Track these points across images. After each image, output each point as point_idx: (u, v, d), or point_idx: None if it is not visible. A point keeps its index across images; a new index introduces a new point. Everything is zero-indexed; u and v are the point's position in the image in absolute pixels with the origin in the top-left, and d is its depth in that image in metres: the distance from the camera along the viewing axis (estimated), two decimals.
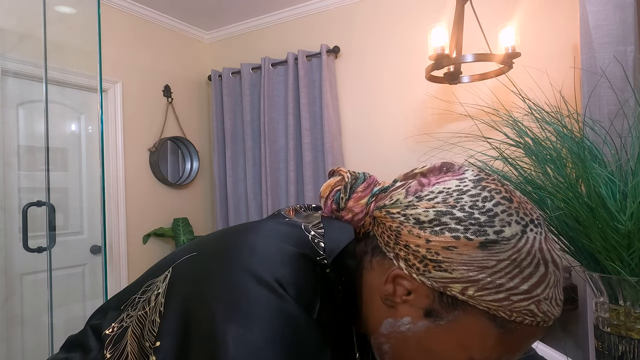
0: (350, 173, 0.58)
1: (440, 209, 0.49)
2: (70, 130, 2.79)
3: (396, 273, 0.51)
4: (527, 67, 2.38)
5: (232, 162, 3.32)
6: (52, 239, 2.20)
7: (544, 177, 0.83)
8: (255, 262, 0.49)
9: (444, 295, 0.48)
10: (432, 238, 0.48)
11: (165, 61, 3.29)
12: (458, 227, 0.47)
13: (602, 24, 1.38)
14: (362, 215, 0.56)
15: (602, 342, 0.79)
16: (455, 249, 0.47)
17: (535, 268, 0.47)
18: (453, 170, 0.53)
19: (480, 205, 0.48)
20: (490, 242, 0.46)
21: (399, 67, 2.83)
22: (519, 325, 0.48)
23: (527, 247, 0.47)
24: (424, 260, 0.48)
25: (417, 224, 0.49)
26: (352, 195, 0.56)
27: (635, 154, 0.77)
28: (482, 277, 0.46)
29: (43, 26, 2.22)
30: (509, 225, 0.47)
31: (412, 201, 0.51)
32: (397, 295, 0.51)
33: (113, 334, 0.56)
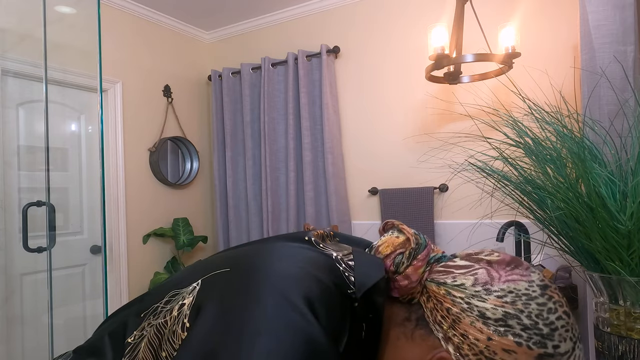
0: (414, 237, 0.57)
1: (508, 310, 0.49)
2: (70, 130, 2.79)
3: (443, 356, 0.50)
4: (527, 67, 2.38)
5: (232, 162, 3.32)
6: (52, 239, 2.20)
7: (544, 177, 0.83)
8: (290, 288, 0.49)
9: None
10: (495, 337, 0.48)
11: (165, 61, 3.29)
12: (522, 333, 0.48)
13: (602, 24, 1.38)
14: (415, 284, 0.55)
15: (602, 342, 0.79)
16: (514, 353, 0.47)
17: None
18: (521, 269, 0.53)
19: (545, 316, 0.49)
20: (547, 355, 0.47)
21: (399, 67, 2.83)
22: None
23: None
24: (479, 354, 0.48)
25: (481, 317, 0.49)
26: (413, 263, 0.55)
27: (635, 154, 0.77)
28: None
29: (43, 26, 2.22)
30: (565, 341, 0.49)
31: (480, 292, 0.51)
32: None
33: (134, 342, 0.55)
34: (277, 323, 0.46)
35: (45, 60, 2.22)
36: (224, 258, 0.57)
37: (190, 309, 0.51)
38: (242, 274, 0.52)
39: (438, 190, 2.63)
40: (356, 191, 2.98)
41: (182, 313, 0.51)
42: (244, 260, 0.55)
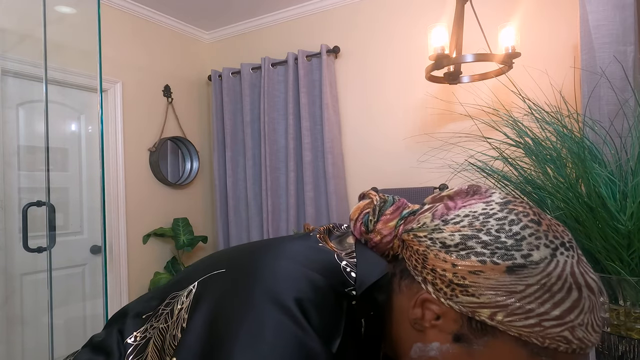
0: (379, 196, 0.58)
1: (466, 232, 0.48)
2: (70, 130, 2.79)
3: (424, 297, 0.50)
4: (527, 67, 2.38)
5: (232, 162, 3.32)
6: (52, 239, 2.20)
7: (544, 177, 0.83)
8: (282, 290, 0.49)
9: (473, 321, 0.47)
10: (458, 262, 0.47)
11: (165, 61, 3.29)
12: (484, 251, 0.47)
13: (602, 24, 1.38)
14: (390, 238, 0.55)
15: (602, 342, 0.79)
16: (482, 273, 0.46)
17: (567, 293, 0.45)
18: (480, 193, 0.53)
19: (507, 228, 0.47)
20: (517, 267, 0.45)
21: (399, 67, 2.83)
22: (553, 353, 0.46)
23: (558, 271, 0.46)
24: (450, 284, 0.48)
25: (443, 247, 0.49)
26: (381, 218, 0.56)
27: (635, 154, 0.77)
28: (511, 302, 0.45)
29: (43, 26, 2.22)
30: (537, 248, 0.46)
31: (439, 225, 0.50)
32: (426, 319, 0.50)
33: (137, 344, 0.56)
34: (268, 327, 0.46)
35: (45, 60, 2.22)
36: (222, 258, 0.58)
37: (188, 312, 0.51)
38: (236, 275, 0.52)
39: (438, 190, 2.62)
40: (356, 191, 2.98)
41: (180, 317, 0.52)
42: (240, 260, 0.56)
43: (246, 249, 0.58)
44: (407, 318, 0.52)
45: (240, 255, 0.57)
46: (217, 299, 0.50)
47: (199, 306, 0.51)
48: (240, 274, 0.52)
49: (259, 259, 0.54)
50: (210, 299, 0.51)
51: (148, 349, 0.54)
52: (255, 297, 0.48)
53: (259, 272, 0.51)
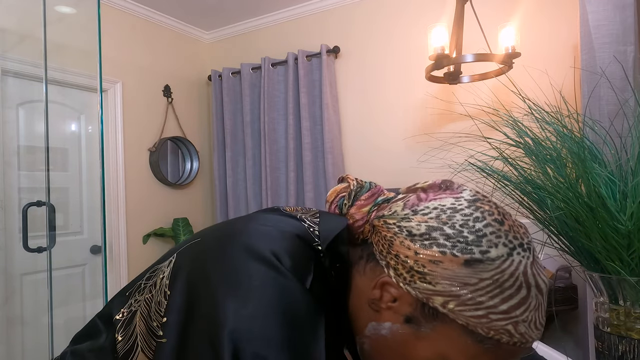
0: (357, 181, 0.60)
1: (432, 224, 0.51)
2: (70, 130, 2.79)
3: (385, 280, 0.53)
4: (527, 67, 2.38)
5: (232, 162, 3.32)
6: (52, 239, 2.20)
7: (544, 177, 0.83)
8: (253, 241, 0.53)
9: (426, 306, 0.50)
10: (421, 251, 0.50)
11: (165, 61, 3.29)
12: (446, 243, 0.49)
13: (602, 24, 1.38)
14: (362, 223, 0.58)
15: (602, 342, 0.79)
16: (440, 263, 0.49)
17: (517, 290, 0.48)
18: (452, 189, 0.55)
19: (471, 224, 0.50)
20: (474, 261, 0.48)
21: (399, 67, 2.83)
22: (496, 343, 0.49)
23: (511, 269, 0.48)
24: (411, 271, 0.50)
25: (409, 236, 0.51)
26: (355, 203, 0.59)
27: (635, 154, 0.77)
28: (464, 293, 0.48)
29: (43, 26, 2.22)
30: (496, 246, 0.49)
31: (408, 214, 0.53)
32: (383, 301, 0.53)
33: (124, 319, 0.59)
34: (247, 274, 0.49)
35: (45, 60, 2.22)
36: (196, 233, 0.62)
37: (169, 279, 0.55)
38: (212, 240, 0.57)
39: None
40: None
41: (163, 284, 0.55)
42: (213, 229, 0.61)
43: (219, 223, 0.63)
44: (366, 298, 0.55)
45: (215, 227, 0.62)
46: (195, 260, 0.54)
47: (180, 271, 0.54)
48: (215, 238, 0.57)
49: (232, 225, 0.59)
50: (189, 263, 0.55)
51: (135, 319, 0.57)
52: (231, 251, 0.52)
53: (230, 233, 0.56)
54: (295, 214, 0.60)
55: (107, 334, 0.59)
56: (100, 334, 0.60)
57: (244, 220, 0.59)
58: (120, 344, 0.57)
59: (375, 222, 0.56)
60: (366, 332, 0.55)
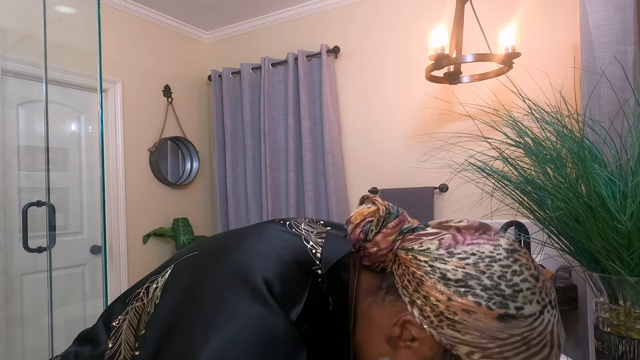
0: (385, 206, 0.58)
1: (469, 271, 0.49)
2: (70, 130, 2.79)
3: (407, 319, 0.51)
4: (527, 67, 2.38)
5: (232, 162, 3.32)
6: (52, 239, 2.20)
7: (544, 177, 0.83)
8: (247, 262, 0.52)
9: (449, 353, 0.49)
10: (455, 298, 0.48)
11: (165, 61, 3.29)
12: (483, 294, 0.48)
13: (602, 24, 1.38)
14: (385, 252, 0.56)
15: (602, 342, 0.79)
16: (474, 314, 0.48)
17: (542, 348, 0.48)
18: (489, 234, 0.54)
19: (509, 277, 0.49)
20: (508, 316, 0.47)
21: (399, 67, 2.83)
22: None
23: (541, 328, 0.48)
24: (440, 315, 0.49)
25: (442, 279, 0.50)
26: (382, 230, 0.56)
27: (635, 154, 0.77)
28: (492, 346, 0.47)
29: (43, 26, 2.22)
30: (530, 303, 0.48)
31: (443, 255, 0.51)
32: (402, 339, 0.51)
33: (118, 326, 0.59)
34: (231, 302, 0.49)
35: (45, 60, 2.22)
36: (197, 244, 0.61)
37: (161, 290, 0.55)
38: (208, 255, 0.56)
39: (438, 190, 2.62)
40: (356, 191, 2.98)
41: (155, 295, 0.55)
42: (213, 242, 0.59)
43: (221, 234, 0.62)
44: (383, 332, 0.53)
45: (215, 238, 0.61)
46: (189, 277, 0.54)
47: (172, 284, 0.54)
48: (211, 254, 0.56)
49: (232, 239, 0.58)
50: (182, 277, 0.54)
51: (123, 328, 0.57)
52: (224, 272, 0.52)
53: (229, 251, 0.55)
54: (300, 234, 0.58)
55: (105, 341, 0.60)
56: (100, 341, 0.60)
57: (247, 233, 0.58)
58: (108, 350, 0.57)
59: (402, 254, 0.54)
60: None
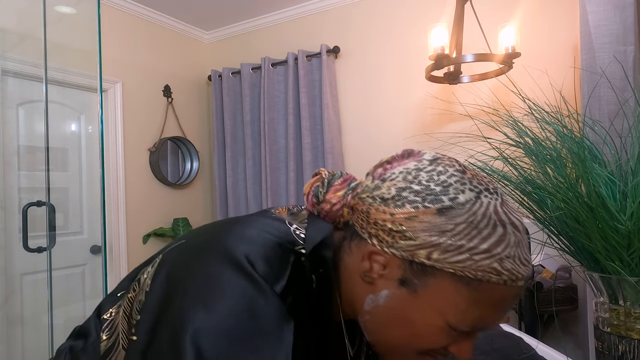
0: (328, 172, 0.64)
1: (400, 185, 0.54)
2: (70, 130, 2.79)
3: (370, 250, 0.55)
4: (527, 67, 2.38)
5: (232, 162, 3.31)
6: (52, 239, 2.20)
7: (544, 177, 0.83)
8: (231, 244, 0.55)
9: (414, 263, 0.52)
10: (395, 211, 0.52)
11: (165, 61, 3.29)
12: (417, 198, 0.52)
13: (602, 24, 1.38)
14: (339, 206, 0.60)
15: (602, 342, 0.79)
16: (416, 218, 0.51)
17: (493, 229, 0.50)
18: (413, 155, 0.58)
19: (436, 178, 0.53)
20: (446, 208, 0.51)
21: (399, 67, 2.83)
22: (486, 285, 0.51)
23: (482, 210, 0.51)
24: (391, 232, 0.52)
25: (382, 202, 0.54)
26: (330, 189, 0.61)
27: (635, 154, 0.77)
28: (443, 240, 0.50)
29: (43, 26, 2.22)
30: (463, 192, 0.52)
31: (378, 184, 0.56)
32: (374, 271, 0.55)
33: (111, 318, 0.61)
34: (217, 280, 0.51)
35: (45, 60, 2.22)
36: (185, 234, 0.64)
37: (151, 278, 0.57)
38: (194, 242, 0.60)
39: None
40: None
41: (145, 283, 0.58)
42: (200, 230, 0.64)
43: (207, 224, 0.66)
44: (358, 274, 0.56)
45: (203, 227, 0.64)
46: (176, 262, 0.57)
47: (161, 272, 0.57)
48: (199, 240, 0.60)
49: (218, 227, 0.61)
50: (169, 263, 0.58)
51: (118, 318, 0.60)
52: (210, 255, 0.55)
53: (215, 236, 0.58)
54: (283, 219, 0.61)
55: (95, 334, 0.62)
56: (91, 333, 0.63)
57: (232, 222, 0.61)
58: (104, 342, 0.60)
59: (352, 202, 0.58)
60: (365, 307, 0.56)
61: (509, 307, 0.55)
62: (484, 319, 0.53)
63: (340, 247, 0.59)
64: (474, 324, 0.53)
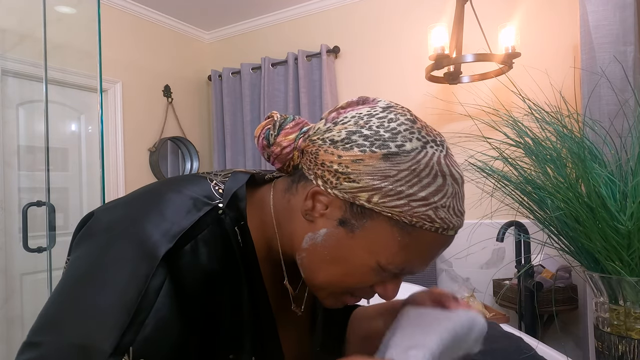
0: (280, 115, 0.64)
1: (351, 129, 0.55)
2: (70, 130, 2.79)
3: (314, 190, 0.56)
4: (527, 67, 2.38)
5: (232, 162, 3.32)
6: (52, 239, 2.20)
7: (544, 177, 0.83)
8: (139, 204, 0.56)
9: (354, 205, 0.54)
10: (343, 153, 0.54)
11: (165, 61, 3.29)
12: (365, 142, 0.53)
13: (602, 24, 1.38)
14: (289, 149, 0.60)
15: (602, 342, 0.79)
16: (362, 161, 0.53)
17: (433, 178, 0.53)
18: (368, 102, 0.60)
19: (386, 125, 0.54)
20: (391, 154, 0.52)
21: (399, 67, 2.83)
22: (419, 231, 0.53)
23: (426, 159, 0.53)
24: (336, 174, 0.54)
25: (331, 144, 0.55)
26: (281, 132, 0.61)
27: (635, 154, 0.77)
28: (385, 185, 0.52)
29: (43, 26, 2.22)
30: (410, 141, 0.53)
31: (329, 127, 0.57)
32: (316, 210, 0.56)
33: None
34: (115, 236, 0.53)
35: (45, 60, 2.22)
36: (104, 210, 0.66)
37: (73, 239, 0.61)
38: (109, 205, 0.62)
39: None
40: None
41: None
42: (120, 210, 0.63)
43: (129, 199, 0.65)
44: (300, 213, 0.58)
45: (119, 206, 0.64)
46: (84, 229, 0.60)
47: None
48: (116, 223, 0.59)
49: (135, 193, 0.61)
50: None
51: None
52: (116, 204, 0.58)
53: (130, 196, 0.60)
54: (206, 176, 0.62)
55: None
56: None
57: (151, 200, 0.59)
58: None
59: (302, 144, 0.59)
60: (303, 245, 0.58)
61: (437, 254, 0.57)
62: (412, 263, 0.55)
63: (288, 189, 0.61)
64: (403, 266, 0.55)
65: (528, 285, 1.85)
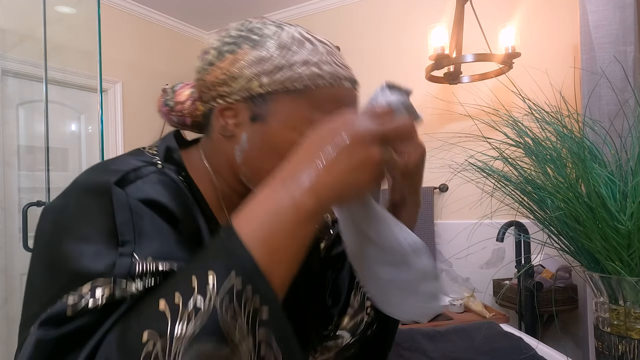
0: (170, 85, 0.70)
1: (216, 45, 0.60)
2: (70, 130, 2.79)
3: (219, 108, 0.59)
4: (527, 67, 2.38)
5: None
6: None
7: (544, 177, 0.83)
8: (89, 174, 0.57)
9: (254, 98, 0.57)
10: (221, 65, 0.58)
11: (165, 61, 3.29)
12: (232, 47, 0.59)
13: (602, 24, 1.38)
14: (190, 102, 0.66)
15: (602, 342, 0.79)
16: (238, 60, 0.58)
17: (301, 45, 0.58)
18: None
19: (242, 29, 0.60)
20: (257, 42, 0.58)
21: (399, 67, 2.83)
22: (318, 91, 0.57)
23: (288, 34, 0.58)
24: (225, 83, 0.58)
25: (210, 65, 0.60)
26: (175, 93, 0.67)
27: (635, 154, 0.77)
28: (266, 66, 0.57)
29: (43, 26, 2.22)
30: (267, 27, 0.59)
31: (203, 57, 0.62)
32: (229, 124, 0.60)
33: None
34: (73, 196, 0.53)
35: (45, 60, 2.23)
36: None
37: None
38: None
39: (438, 190, 2.62)
40: None
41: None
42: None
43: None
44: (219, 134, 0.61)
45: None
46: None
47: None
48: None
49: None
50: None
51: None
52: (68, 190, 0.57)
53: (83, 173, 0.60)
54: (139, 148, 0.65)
55: None
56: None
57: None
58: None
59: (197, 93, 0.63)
60: (238, 161, 0.60)
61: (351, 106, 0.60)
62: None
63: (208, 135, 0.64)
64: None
65: (528, 285, 1.85)
